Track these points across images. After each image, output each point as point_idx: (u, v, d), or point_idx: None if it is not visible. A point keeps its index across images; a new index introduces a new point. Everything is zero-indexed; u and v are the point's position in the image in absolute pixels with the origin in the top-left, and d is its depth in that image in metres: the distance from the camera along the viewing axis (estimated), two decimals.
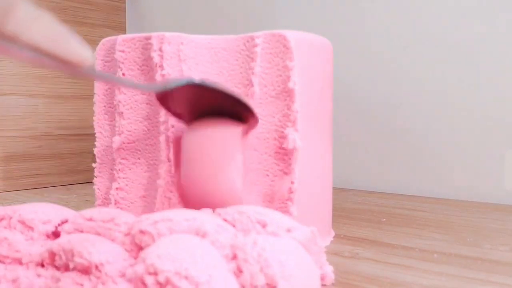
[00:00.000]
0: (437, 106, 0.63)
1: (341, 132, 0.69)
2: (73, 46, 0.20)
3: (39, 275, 0.26)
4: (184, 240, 0.24)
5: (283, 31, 0.37)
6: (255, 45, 0.37)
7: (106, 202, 0.43)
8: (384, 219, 0.49)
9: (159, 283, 0.21)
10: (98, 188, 0.44)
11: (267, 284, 0.23)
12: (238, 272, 0.24)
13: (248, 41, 0.38)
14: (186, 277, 0.21)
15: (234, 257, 0.24)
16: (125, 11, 0.89)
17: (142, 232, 0.26)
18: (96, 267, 0.24)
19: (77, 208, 0.53)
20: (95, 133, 0.44)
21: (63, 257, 0.25)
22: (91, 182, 0.45)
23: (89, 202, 0.60)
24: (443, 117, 0.63)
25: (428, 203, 0.58)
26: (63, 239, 0.26)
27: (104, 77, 0.22)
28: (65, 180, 0.76)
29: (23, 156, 0.72)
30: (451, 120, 0.62)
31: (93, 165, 0.44)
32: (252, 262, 0.24)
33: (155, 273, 0.22)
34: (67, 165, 0.77)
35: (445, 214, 0.52)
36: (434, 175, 0.64)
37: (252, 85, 0.37)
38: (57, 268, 0.26)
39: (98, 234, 0.27)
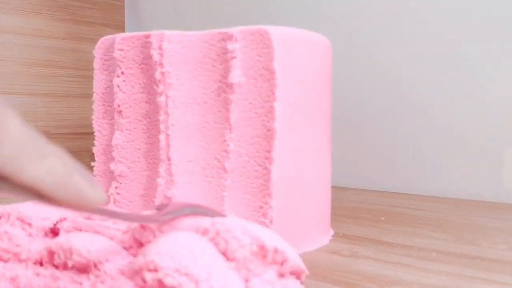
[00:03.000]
0: (436, 105, 0.63)
1: (340, 130, 0.69)
2: (79, 188, 0.19)
3: (38, 274, 0.26)
4: (184, 238, 0.24)
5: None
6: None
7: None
8: (383, 218, 0.49)
9: (158, 280, 0.21)
10: None
11: (253, 244, 0.24)
12: (225, 243, 0.24)
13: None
14: (186, 274, 0.21)
15: (217, 233, 0.25)
16: (124, 10, 0.89)
17: (142, 227, 0.26)
18: (95, 265, 0.24)
19: None
20: (94, 132, 0.44)
21: (62, 256, 0.25)
22: None
23: None
24: (442, 116, 0.63)
25: (427, 201, 0.58)
26: (61, 238, 0.26)
27: (109, 213, 0.22)
28: None
29: None
30: (450, 118, 0.62)
31: (92, 164, 0.44)
32: (233, 229, 0.24)
33: (155, 270, 0.21)
34: None
35: (444, 212, 0.52)
36: (433, 174, 0.64)
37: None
38: (56, 266, 0.26)
39: (97, 232, 0.27)
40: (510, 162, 0.59)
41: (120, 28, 0.88)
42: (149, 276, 0.22)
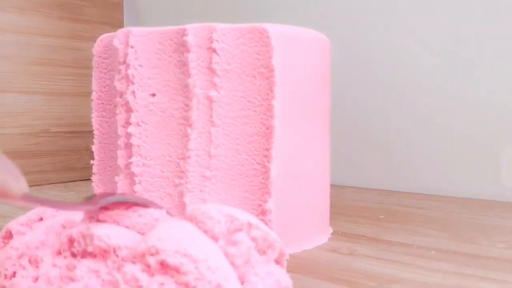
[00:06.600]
0: (435, 103, 0.63)
1: (340, 129, 0.69)
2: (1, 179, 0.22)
3: (54, 265, 0.26)
4: (180, 225, 0.26)
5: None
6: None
7: None
8: (382, 216, 0.49)
9: (161, 261, 0.23)
10: (96, 185, 0.44)
11: (227, 221, 0.26)
12: (203, 225, 0.26)
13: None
14: (186, 255, 0.22)
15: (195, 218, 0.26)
16: (123, 8, 0.89)
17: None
18: (114, 250, 0.25)
19: None
20: (93, 130, 0.44)
21: (82, 242, 0.25)
22: (89, 179, 0.45)
23: None
24: (441, 115, 0.63)
25: (426, 200, 0.58)
26: (82, 226, 0.26)
27: (35, 200, 0.25)
28: (63, 177, 0.76)
29: (21, 154, 0.72)
30: (449, 117, 0.62)
31: (91, 162, 0.44)
32: (208, 211, 0.26)
33: (157, 253, 0.23)
34: (65, 163, 0.77)
35: (443, 211, 0.52)
36: (433, 173, 0.64)
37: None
38: (74, 255, 0.26)
39: (117, 223, 0.27)
40: (509, 161, 0.59)
41: (119, 26, 0.88)
42: (152, 260, 0.23)
